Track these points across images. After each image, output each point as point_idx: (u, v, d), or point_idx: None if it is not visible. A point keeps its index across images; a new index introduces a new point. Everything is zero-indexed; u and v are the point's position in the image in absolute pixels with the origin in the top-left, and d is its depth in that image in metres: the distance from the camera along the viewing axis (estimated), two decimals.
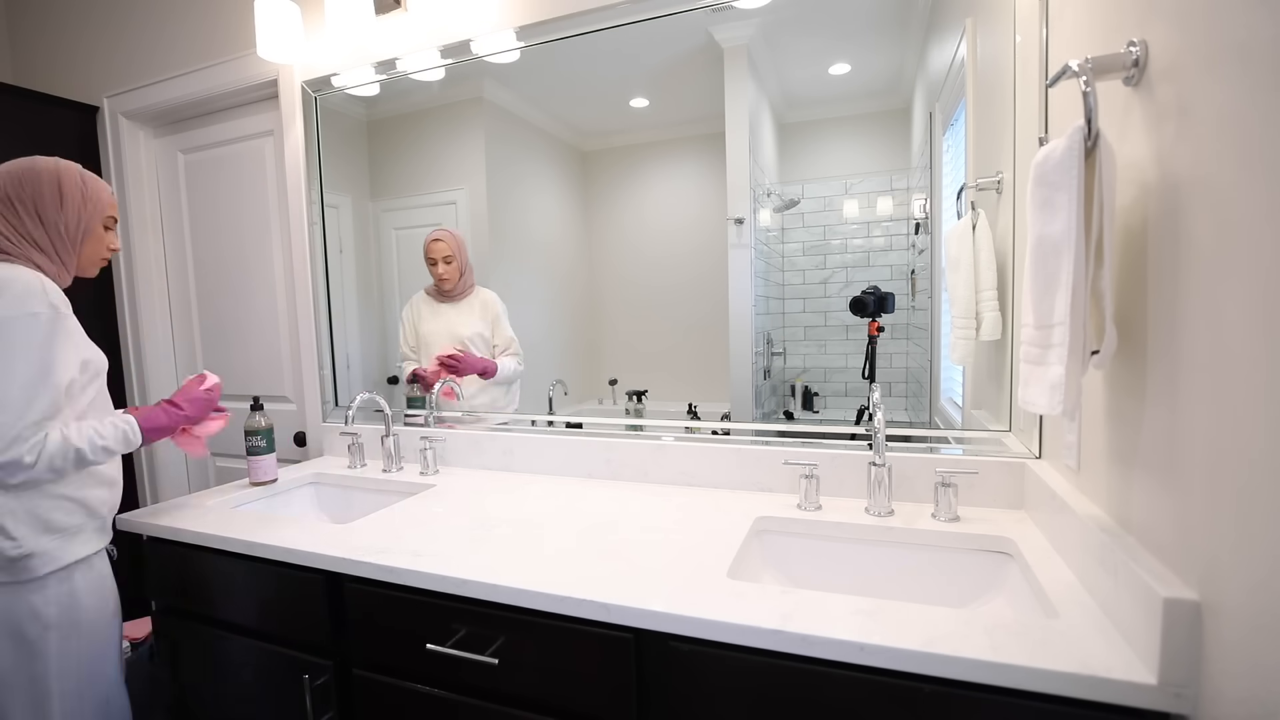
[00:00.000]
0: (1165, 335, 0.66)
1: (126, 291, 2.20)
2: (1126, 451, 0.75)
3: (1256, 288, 0.51)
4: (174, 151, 2.16)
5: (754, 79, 1.40)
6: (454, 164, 1.73)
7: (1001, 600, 0.95)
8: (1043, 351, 0.75)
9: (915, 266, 1.30)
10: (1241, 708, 0.53)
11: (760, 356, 1.43)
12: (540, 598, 0.87)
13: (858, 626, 0.74)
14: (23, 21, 2.32)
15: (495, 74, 1.61)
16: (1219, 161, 0.56)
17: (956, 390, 1.31)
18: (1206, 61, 0.58)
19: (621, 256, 1.57)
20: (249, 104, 1.97)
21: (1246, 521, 0.52)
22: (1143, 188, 0.70)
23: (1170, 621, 0.60)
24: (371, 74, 1.69)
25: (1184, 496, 0.62)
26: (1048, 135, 0.99)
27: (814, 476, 1.16)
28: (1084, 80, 0.69)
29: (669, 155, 1.52)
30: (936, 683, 0.70)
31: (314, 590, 1.07)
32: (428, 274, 1.74)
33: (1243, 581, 0.53)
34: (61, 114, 2.09)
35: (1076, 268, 0.69)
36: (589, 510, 1.23)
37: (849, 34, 1.31)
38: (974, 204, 1.19)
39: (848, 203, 1.35)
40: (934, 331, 1.30)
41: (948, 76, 1.24)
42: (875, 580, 1.06)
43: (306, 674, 1.07)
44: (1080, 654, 0.67)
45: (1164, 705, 0.62)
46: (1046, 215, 0.74)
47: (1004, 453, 1.16)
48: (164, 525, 1.24)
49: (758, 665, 0.77)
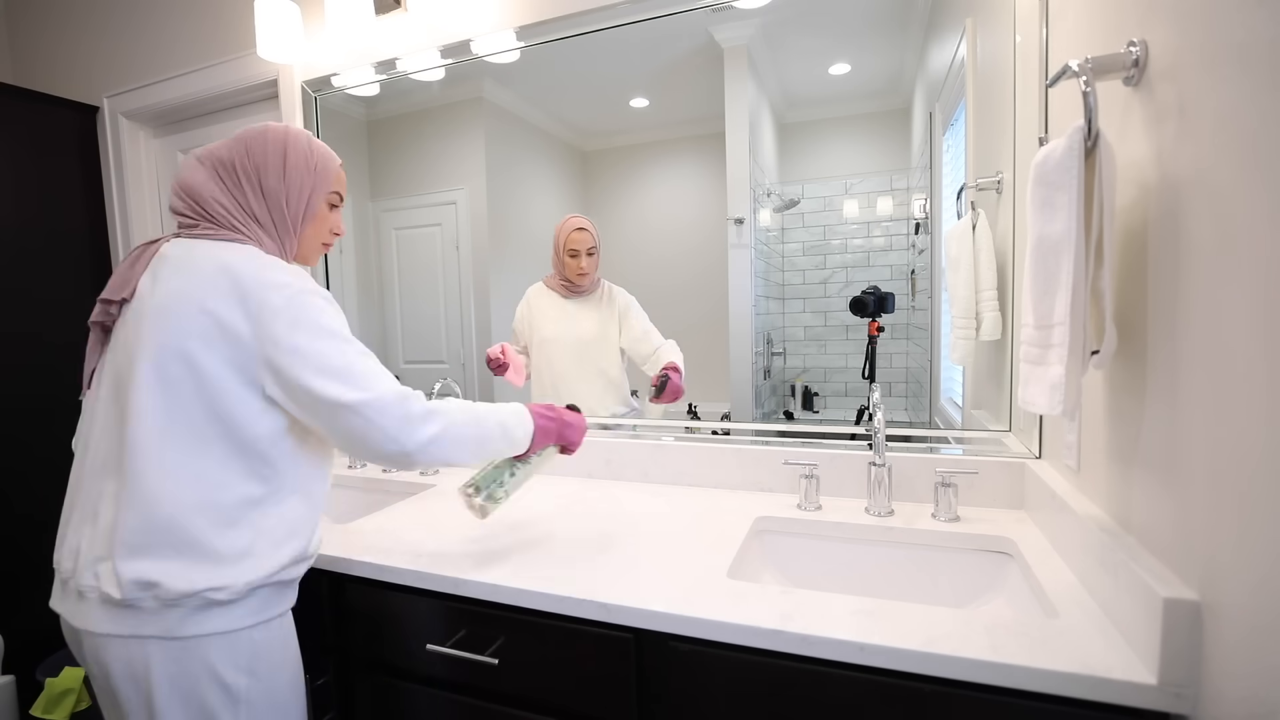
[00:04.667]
0: (1165, 335, 0.66)
1: None
2: (1126, 451, 0.75)
3: (1256, 287, 0.51)
4: (174, 151, 2.16)
5: (754, 79, 1.40)
6: (454, 164, 1.73)
7: (1001, 600, 0.95)
8: (1043, 351, 0.75)
9: (915, 266, 1.30)
10: (1242, 707, 0.53)
11: (760, 356, 1.43)
12: (540, 597, 0.87)
13: (858, 626, 0.74)
14: (23, 21, 2.32)
15: (495, 74, 1.61)
16: (1219, 161, 0.56)
17: (956, 390, 1.31)
18: (1206, 62, 0.58)
19: (622, 256, 1.57)
20: (249, 104, 1.97)
21: (1246, 521, 0.52)
22: (1143, 188, 0.70)
23: (1170, 621, 0.60)
24: (371, 74, 1.69)
25: (1184, 496, 0.62)
26: (1048, 135, 0.99)
27: (814, 476, 1.16)
28: (1084, 80, 0.69)
29: (669, 155, 1.52)
30: (936, 683, 0.70)
31: (315, 590, 1.07)
32: (426, 274, 1.73)
33: (1243, 581, 0.53)
34: (62, 114, 2.09)
35: (1076, 268, 0.69)
36: (589, 510, 1.23)
37: (849, 34, 1.31)
38: (974, 204, 1.19)
39: (848, 203, 1.35)
40: (934, 331, 1.30)
41: (948, 76, 1.24)
42: (875, 580, 1.06)
43: (307, 674, 1.07)
44: (1080, 654, 0.67)
45: (1164, 705, 0.62)
46: (1046, 215, 0.74)
47: (1004, 453, 1.16)
48: None
49: (758, 665, 0.77)
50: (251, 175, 0.87)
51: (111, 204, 2.17)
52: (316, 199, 0.93)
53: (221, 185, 0.87)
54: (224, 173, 0.87)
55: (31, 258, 1.99)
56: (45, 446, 2.02)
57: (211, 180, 0.87)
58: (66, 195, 2.09)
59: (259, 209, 0.88)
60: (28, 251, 1.98)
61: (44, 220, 2.03)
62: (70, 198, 2.11)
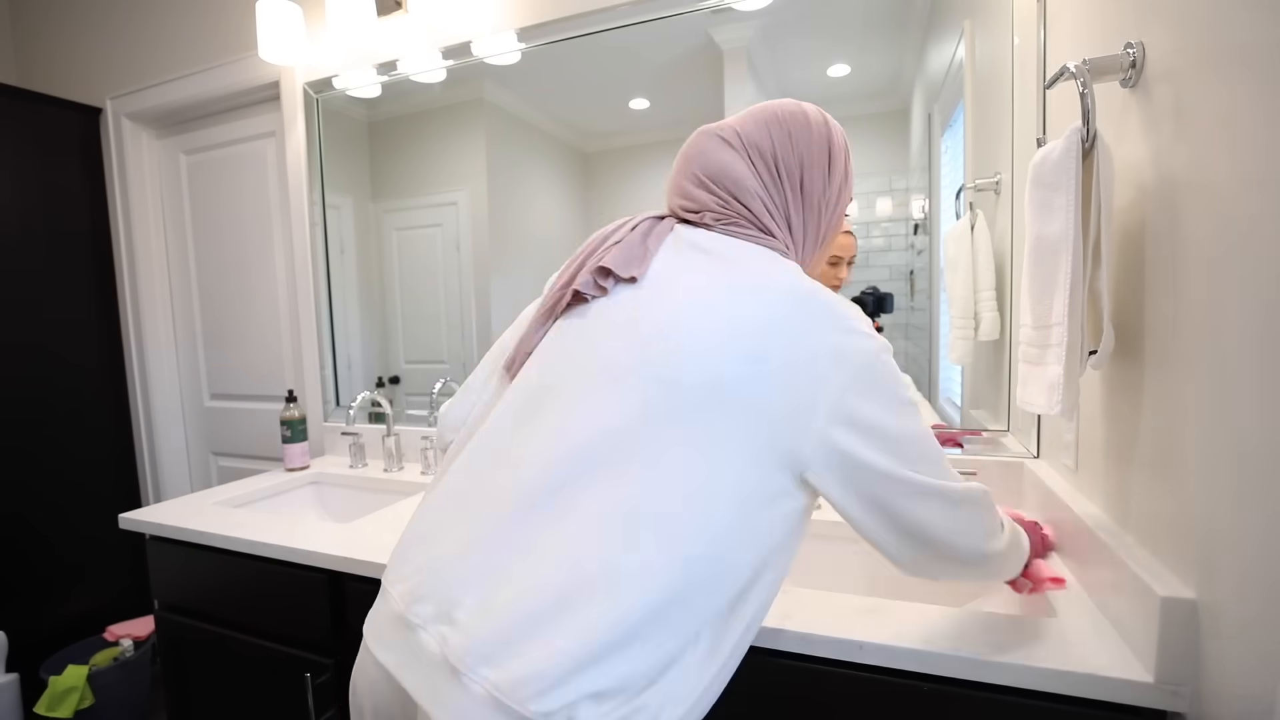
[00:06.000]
0: (1162, 335, 0.66)
1: (129, 292, 2.21)
2: (1124, 451, 0.76)
3: (1253, 288, 0.51)
4: (176, 153, 2.17)
5: (754, 80, 1.40)
6: (455, 165, 1.73)
7: (1000, 599, 0.95)
8: (1041, 351, 0.76)
9: (914, 267, 1.31)
10: (1238, 705, 0.54)
11: None
12: None
13: (857, 625, 0.75)
14: (26, 23, 2.33)
15: (496, 75, 1.62)
16: (1216, 162, 0.57)
17: (955, 390, 1.31)
18: (1203, 63, 0.58)
19: None
20: (251, 105, 1.98)
21: (1243, 520, 0.53)
22: (1140, 189, 0.71)
23: (1167, 620, 0.60)
24: (373, 75, 1.70)
25: (1181, 495, 0.62)
26: (1045, 136, 0.99)
27: None
28: (1081, 82, 0.69)
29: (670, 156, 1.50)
30: (935, 681, 0.70)
31: (316, 589, 1.08)
32: (427, 274, 1.74)
33: (1239, 580, 0.53)
34: (65, 115, 2.10)
35: (1074, 268, 0.69)
36: None
37: (848, 36, 1.31)
38: (972, 205, 1.19)
39: None
40: (932, 331, 1.30)
41: (946, 78, 1.25)
42: (874, 579, 1.06)
43: (308, 672, 1.08)
44: (1078, 652, 0.67)
45: (1161, 703, 0.62)
46: (1044, 216, 0.74)
47: (1002, 452, 1.16)
48: (166, 524, 1.25)
49: (757, 664, 0.77)
50: (794, 170, 0.68)
51: (114, 206, 2.18)
52: (844, 207, 0.73)
53: (758, 177, 0.67)
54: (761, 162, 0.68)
55: (33, 259, 2.00)
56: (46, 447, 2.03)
57: (749, 171, 0.67)
58: (69, 196, 2.10)
59: (794, 214, 0.68)
60: (30, 253, 1.99)
61: (46, 221, 2.04)
62: (73, 199, 2.11)
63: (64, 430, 2.06)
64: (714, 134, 0.70)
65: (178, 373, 2.28)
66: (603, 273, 0.64)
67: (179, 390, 2.28)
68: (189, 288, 2.21)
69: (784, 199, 0.68)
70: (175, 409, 2.27)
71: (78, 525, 2.08)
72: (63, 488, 2.05)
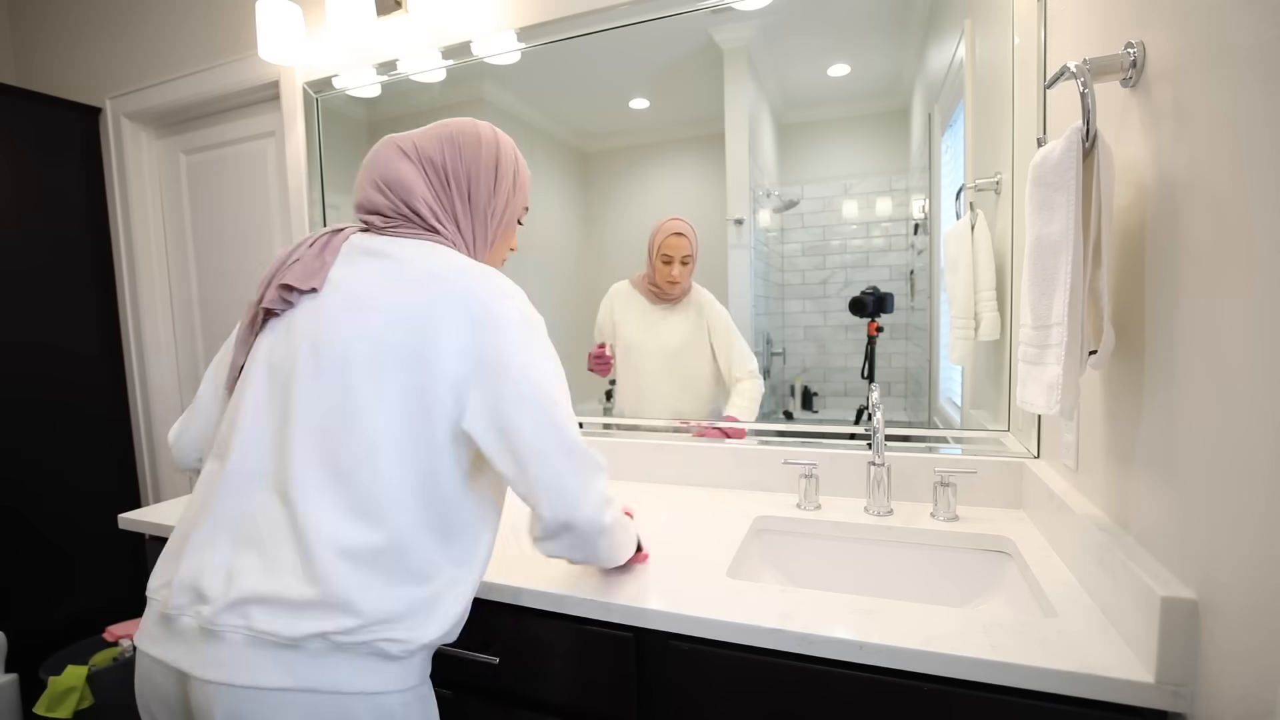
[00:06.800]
0: (1163, 335, 0.66)
1: (128, 292, 2.21)
2: (1124, 451, 0.75)
3: (1254, 287, 0.51)
4: (176, 152, 2.17)
5: (754, 80, 1.40)
6: None
7: (1000, 599, 0.96)
8: (1041, 351, 0.76)
9: (914, 267, 1.31)
10: (1238, 705, 0.53)
11: (760, 356, 1.43)
12: (541, 596, 0.88)
13: (857, 626, 0.75)
14: (26, 23, 2.33)
15: (496, 75, 1.62)
16: (1216, 162, 0.57)
17: (955, 390, 1.31)
18: (1204, 63, 0.58)
19: (622, 257, 1.57)
20: (251, 105, 1.98)
21: (1244, 520, 0.53)
22: (1140, 188, 0.71)
23: (1168, 620, 0.60)
24: (373, 75, 1.70)
25: (1182, 496, 0.62)
26: (1046, 136, 0.99)
27: (813, 476, 1.16)
28: (1082, 82, 0.69)
29: (669, 156, 1.52)
30: (936, 681, 0.70)
31: None
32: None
33: (1240, 580, 0.53)
34: (65, 115, 2.10)
35: (1074, 268, 0.69)
36: None
37: (848, 35, 1.31)
38: (973, 204, 1.19)
39: (847, 203, 1.35)
40: (933, 331, 1.30)
41: (946, 78, 1.25)
42: (874, 579, 1.06)
43: None
44: (1079, 653, 0.67)
45: (1161, 704, 0.62)
46: (1045, 216, 0.74)
47: (1002, 452, 1.16)
48: (166, 524, 1.24)
49: (758, 664, 0.77)
50: (462, 180, 0.81)
51: (114, 205, 2.18)
52: (513, 219, 0.89)
53: (429, 185, 0.79)
54: (433, 172, 0.79)
55: (33, 258, 2.00)
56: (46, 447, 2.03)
57: (420, 180, 0.79)
58: (69, 196, 2.10)
59: (463, 220, 0.82)
60: (30, 252, 1.99)
61: (46, 221, 2.04)
62: (73, 199, 2.11)
63: (64, 430, 2.06)
64: (395, 145, 0.80)
65: (178, 373, 2.28)
66: (286, 289, 0.75)
67: (179, 390, 2.28)
68: (189, 287, 2.21)
69: (452, 204, 0.81)
70: (175, 409, 2.27)
71: (78, 525, 2.08)
72: (62, 488, 2.05)
